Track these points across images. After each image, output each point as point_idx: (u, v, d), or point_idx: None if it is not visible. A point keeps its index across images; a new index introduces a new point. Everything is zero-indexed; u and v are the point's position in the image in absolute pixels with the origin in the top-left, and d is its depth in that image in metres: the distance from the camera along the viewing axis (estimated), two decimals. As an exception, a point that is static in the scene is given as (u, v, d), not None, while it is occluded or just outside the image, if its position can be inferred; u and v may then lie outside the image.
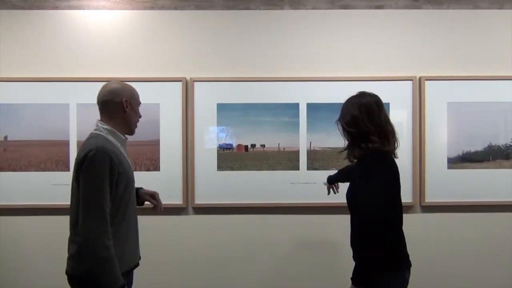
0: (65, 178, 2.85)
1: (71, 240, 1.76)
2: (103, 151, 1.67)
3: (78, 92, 2.88)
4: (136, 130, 1.97)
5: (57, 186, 2.87)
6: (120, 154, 1.76)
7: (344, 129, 1.84)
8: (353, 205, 1.83)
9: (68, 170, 2.88)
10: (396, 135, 1.81)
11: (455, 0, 3.00)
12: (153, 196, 2.06)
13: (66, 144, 2.88)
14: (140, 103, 1.96)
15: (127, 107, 1.84)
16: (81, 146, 1.76)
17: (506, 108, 2.92)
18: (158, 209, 2.05)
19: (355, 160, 1.80)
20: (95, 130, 1.83)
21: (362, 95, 1.85)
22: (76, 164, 1.71)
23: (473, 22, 2.97)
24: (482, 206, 2.92)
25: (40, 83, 2.88)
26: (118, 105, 1.83)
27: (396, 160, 1.81)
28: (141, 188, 2.09)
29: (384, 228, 1.61)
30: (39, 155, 2.88)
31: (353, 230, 1.88)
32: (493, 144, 2.92)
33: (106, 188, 1.65)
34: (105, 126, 1.82)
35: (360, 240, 1.74)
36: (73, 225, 1.72)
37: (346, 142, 1.86)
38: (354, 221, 1.87)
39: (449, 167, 2.91)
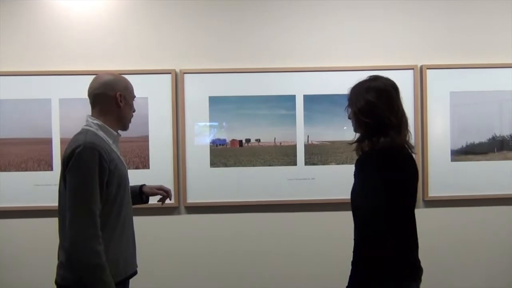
0: (48, 178, 2.69)
1: (61, 247, 1.60)
2: (91, 147, 1.52)
3: (61, 86, 2.70)
4: None
5: (39, 187, 2.70)
6: (111, 151, 1.61)
7: (357, 118, 1.61)
8: (354, 209, 1.64)
9: (51, 169, 2.70)
10: (409, 127, 1.61)
11: (456, -15, 2.88)
12: (161, 188, 2.03)
13: (48, 142, 2.70)
14: (134, 96, 1.81)
15: (121, 101, 1.69)
16: (69, 142, 1.60)
17: (509, 97, 2.80)
18: (169, 197, 2.05)
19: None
20: (85, 125, 1.68)
21: (376, 78, 1.65)
22: (62, 162, 1.56)
23: (475, 8, 2.83)
24: (487, 200, 2.80)
25: (19, 77, 2.69)
26: (111, 99, 1.68)
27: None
28: (144, 184, 2.03)
29: (382, 234, 1.46)
30: (19, 154, 2.70)
31: (355, 234, 1.65)
32: (498, 135, 2.81)
33: (95, 188, 1.50)
34: (96, 121, 1.67)
35: (355, 243, 1.59)
36: (62, 230, 1.58)
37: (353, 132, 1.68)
38: (355, 224, 1.65)
39: (452, 160, 2.79)
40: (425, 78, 2.76)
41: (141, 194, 2.01)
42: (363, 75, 2.70)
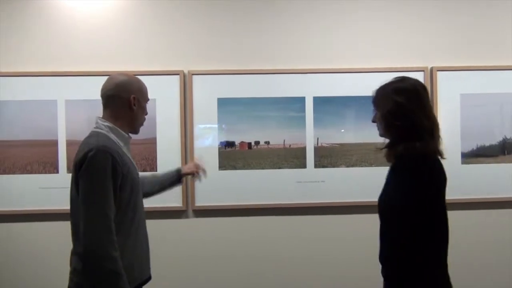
0: (54, 181, 2.64)
1: (74, 252, 1.55)
2: (104, 151, 1.47)
3: (67, 87, 2.65)
4: None
5: (45, 190, 2.64)
6: (123, 154, 1.56)
7: (387, 122, 1.54)
8: (387, 212, 1.55)
9: (57, 172, 2.65)
10: (440, 131, 1.53)
11: (466, -14, 2.87)
12: (197, 166, 2.11)
13: (54, 144, 2.65)
14: (148, 99, 1.76)
15: (134, 104, 1.65)
16: (80, 145, 1.56)
17: (521, 100, 2.79)
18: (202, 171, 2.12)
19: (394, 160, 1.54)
20: (95, 128, 1.63)
21: (403, 79, 1.58)
22: (74, 166, 1.51)
23: (486, 10, 2.82)
24: (499, 203, 2.77)
25: (24, 78, 2.64)
26: (125, 102, 1.63)
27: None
28: (179, 168, 2.12)
29: (421, 240, 1.41)
30: (24, 157, 2.64)
31: (383, 241, 1.57)
32: (508, 137, 2.79)
33: (109, 192, 1.46)
34: (106, 123, 1.62)
35: (386, 248, 1.52)
36: (75, 235, 1.53)
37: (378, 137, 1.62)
38: (385, 230, 1.57)
39: (463, 162, 2.77)
40: (435, 80, 2.74)
41: (178, 177, 2.07)
42: (373, 77, 2.73)
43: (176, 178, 2.07)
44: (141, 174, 1.98)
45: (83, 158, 1.46)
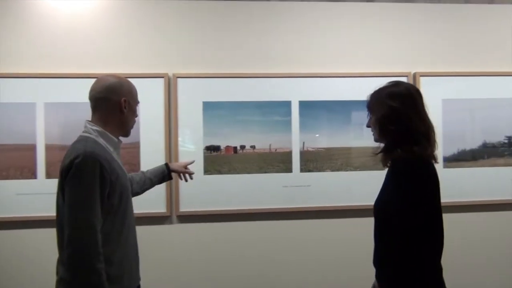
0: (31, 187, 2.54)
1: (60, 261, 1.48)
2: (92, 157, 1.41)
3: (46, 89, 2.56)
4: None
5: (21, 196, 2.54)
6: (112, 160, 1.51)
7: (381, 127, 1.53)
8: (382, 216, 1.56)
9: (35, 177, 2.55)
10: (435, 136, 1.53)
11: (447, -6, 2.94)
12: (186, 166, 2.13)
13: (32, 148, 2.55)
14: (138, 101, 1.71)
15: (125, 107, 1.59)
16: (67, 151, 1.49)
17: (500, 104, 2.85)
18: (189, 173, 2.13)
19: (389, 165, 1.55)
20: (83, 132, 1.56)
21: (396, 84, 1.58)
22: (61, 173, 1.44)
23: (465, 17, 2.89)
24: (480, 206, 2.84)
25: (1, 79, 2.53)
26: (115, 104, 1.58)
27: None
28: (167, 163, 2.11)
29: (423, 254, 1.42)
30: (0, 161, 2.53)
31: (378, 245, 1.58)
32: (488, 142, 2.85)
33: (96, 200, 1.40)
34: (95, 127, 1.56)
35: (380, 250, 1.53)
36: (60, 245, 1.46)
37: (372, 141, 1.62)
38: (380, 234, 1.56)
39: (444, 166, 2.82)
40: (418, 85, 2.77)
41: (169, 172, 2.08)
42: (358, 82, 2.76)
43: (166, 173, 2.07)
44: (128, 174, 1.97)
45: (70, 164, 1.40)
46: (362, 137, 2.75)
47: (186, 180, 2.15)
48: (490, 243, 2.87)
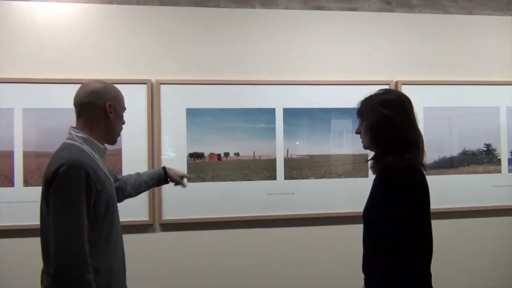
0: (9, 195, 2.47)
1: (45, 272, 1.44)
2: (77, 166, 1.37)
3: (24, 95, 2.50)
4: None
5: (-1, 205, 2.46)
6: (97, 168, 1.47)
7: (372, 134, 1.53)
8: (370, 223, 1.55)
9: (12, 185, 2.48)
10: (424, 144, 1.55)
11: (426, 4, 3.00)
12: (182, 177, 2.11)
13: (9, 155, 2.48)
14: (125, 108, 1.68)
15: (110, 112, 1.56)
16: (51, 159, 1.45)
17: (480, 112, 2.92)
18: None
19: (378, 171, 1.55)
20: (67, 139, 1.52)
21: (389, 91, 1.59)
22: (44, 182, 1.40)
23: (444, 27, 2.95)
24: (461, 212, 2.88)
25: (-23, 84, 2.46)
26: (100, 109, 1.55)
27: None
28: (165, 167, 2.09)
29: (411, 261, 1.42)
30: (-24, 169, 2.46)
31: (368, 251, 1.58)
32: (468, 149, 2.91)
33: (82, 210, 1.36)
34: (80, 134, 1.52)
35: (381, 263, 1.49)
36: (45, 255, 1.42)
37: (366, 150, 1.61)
38: (370, 241, 1.57)
39: (425, 173, 2.84)
40: (400, 94, 2.82)
41: (166, 177, 2.06)
42: (341, 90, 2.78)
43: (163, 177, 2.06)
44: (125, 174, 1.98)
45: (55, 173, 1.36)
46: (345, 145, 2.77)
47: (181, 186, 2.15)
48: (471, 249, 2.91)
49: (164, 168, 2.09)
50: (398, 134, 1.48)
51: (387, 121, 1.49)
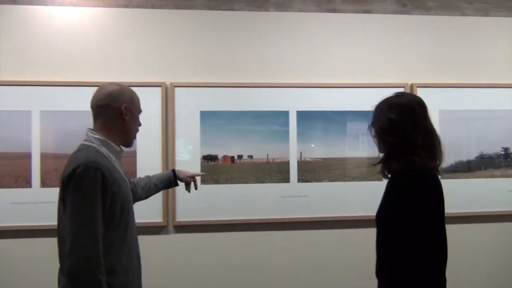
0: (27, 196, 2.51)
1: (62, 272, 1.46)
2: (94, 167, 1.39)
3: (42, 97, 2.55)
4: None
5: (16, 205, 2.51)
6: (114, 170, 1.49)
7: (379, 137, 1.54)
8: (383, 227, 1.54)
9: (30, 186, 2.52)
10: (442, 148, 1.53)
11: (442, 6, 2.96)
12: (193, 176, 2.09)
13: (27, 156, 2.53)
14: (141, 110, 1.70)
15: (126, 114, 1.58)
16: (68, 160, 1.47)
17: (497, 116, 2.87)
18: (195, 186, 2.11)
19: (389, 176, 1.54)
20: (85, 140, 1.54)
21: (400, 95, 1.58)
22: (61, 183, 1.42)
23: (460, 29, 2.91)
24: (478, 217, 2.83)
25: (-3, 87, 2.52)
26: (116, 112, 1.56)
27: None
28: (174, 169, 2.09)
29: (423, 266, 1.40)
30: (-6, 170, 2.51)
31: (380, 255, 1.56)
32: (485, 153, 2.86)
33: (98, 211, 1.38)
34: (97, 136, 1.54)
35: (394, 267, 1.48)
36: (62, 254, 1.44)
37: (378, 153, 1.59)
38: (382, 245, 1.55)
39: (441, 177, 2.80)
40: (415, 96, 2.79)
41: (175, 179, 2.05)
42: (356, 92, 2.76)
43: (173, 180, 2.06)
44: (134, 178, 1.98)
45: (71, 174, 1.38)
46: (360, 148, 2.76)
47: (189, 191, 2.12)
48: (488, 255, 2.86)
49: (173, 170, 2.09)
50: (403, 137, 1.47)
51: (392, 124, 1.49)
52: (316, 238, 2.73)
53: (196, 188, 2.12)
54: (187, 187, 2.11)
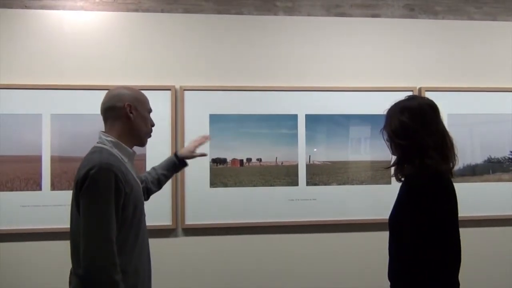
0: (37, 199, 2.52)
1: (74, 273, 1.47)
2: (107, 168, 1.41)
3: (53, 101, 2.56)
4: None
5: (26, 208, 2.52)
6: (127, 172, 1.50)
7: (391, 141, 1.55)
8: (396, 230, 1.55)
9: (40, 189, 2.53)
10: (455, 150, 1.54)
11: (450, 10, 2.97)
12: (195, 147, 2.10)
13: (37, 159, 2.54)
14: (150, 109, 1.71)
15: (131, 112, 1.58)
16: (82, 162, 1.49)
17: (505, 120, 2.87)
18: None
19: (403, 179, 1.55)
20: (98, 143, 1.56)
21: (411, 98, 1.59)
22: (75, 185, 1.44)
23: (468, 33, 2.92)
24: (486, 221, 2.83)
25: (8, 90, 2.54)
26: (120, 111, 1.57)
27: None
28: (176, 153, 2.10)
29: (437, 269, 1.40)
30: (5, 173, 2.52)
31: (393, 259, 1.57)
32: (493, 157, 2.86)
33: (111, 212, 1.39)
34: (109, 138, 1.55)
35: (407, 271, 1.47)
36: (74, 256, 1.45)
37: (391, 155, 1.60)
38: (395, 248, 1.56)
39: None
40: (423, 100, 2.80)
41: (180, 162, 2.06)
42: (364, 96, 2.77)
43: (178, 163, 2.06)
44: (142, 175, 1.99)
45: (85, 175, 1.39)
46: (368, 151, 2.76)
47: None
48: (497, 258, 2.86)
49: (175, 154, 2.09)
50: (414, 139, 1.48)
51: (403, 127, 1.50)
52: (325, 242, 2.73)
53: (205, 155, 2.15)
54: (194, 156, 2.12)
